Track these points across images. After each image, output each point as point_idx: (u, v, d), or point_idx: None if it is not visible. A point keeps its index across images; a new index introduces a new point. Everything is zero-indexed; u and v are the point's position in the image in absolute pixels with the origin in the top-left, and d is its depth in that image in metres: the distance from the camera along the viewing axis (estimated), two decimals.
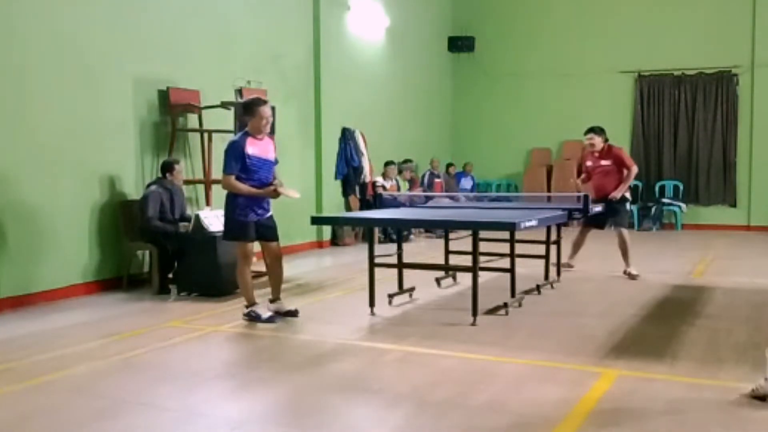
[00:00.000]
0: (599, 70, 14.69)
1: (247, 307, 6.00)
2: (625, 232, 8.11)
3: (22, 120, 6.69)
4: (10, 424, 3.72)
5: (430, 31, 15.22)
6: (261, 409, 3.96)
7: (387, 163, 12.55)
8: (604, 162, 8.10)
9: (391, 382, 4.34)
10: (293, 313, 6.09)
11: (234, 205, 5.80)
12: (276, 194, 5.80)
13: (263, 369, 4.73)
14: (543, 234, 7.37)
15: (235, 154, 5.69)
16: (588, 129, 8.24)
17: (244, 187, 5.72)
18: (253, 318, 5.93)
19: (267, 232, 5.97)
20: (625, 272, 8.04)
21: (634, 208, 13.75)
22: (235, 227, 5.83)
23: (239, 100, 8.47)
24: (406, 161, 13.40)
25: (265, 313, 5.96)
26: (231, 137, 6.01)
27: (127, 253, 7.59)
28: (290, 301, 6.79)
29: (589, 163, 8.27)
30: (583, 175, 8.44)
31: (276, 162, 6.04)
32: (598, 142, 8.12)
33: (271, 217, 6.02)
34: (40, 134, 6.84)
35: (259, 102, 5.86)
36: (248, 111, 5.82)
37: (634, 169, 8.17)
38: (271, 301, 6.14)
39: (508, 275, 6.30)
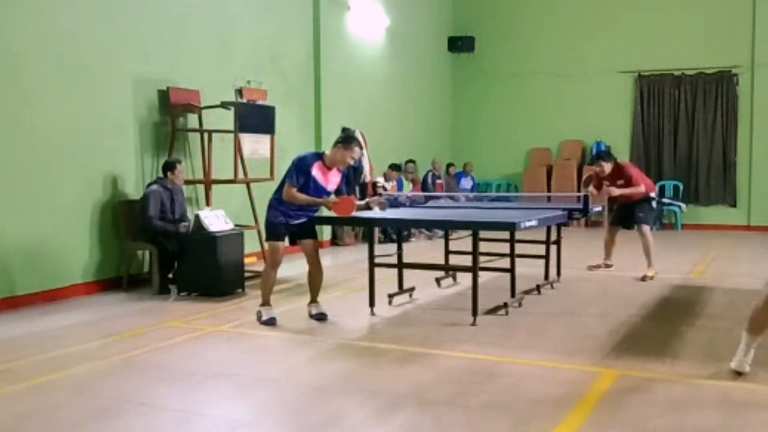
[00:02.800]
0: (599, 70, 14.68)
1: (261, 305, 6.06)
2: (646, 229, 8.09)
3: (22, 120, 6.69)
4: (11, 424, 3.72)
5: (430, 31, 15.22)
6: (261, 409, 3.96)
7: (391, 166, 12.57)
8: (619, 182, 8.17)
9: (391, 382, 4.34)
10: (322, 317, 6.05)
11: (270, 207, 5.94)
12: (331, 206, 5.94)
13: (263, 369, 4.73)
14: (543, 234, 7.37)
15: (301, 169, 5.78)
16: (596, 157, 8.37)
17: (303, 197, 5.77)
18: (258, 317, 5.98)
19: (301, 231, 5.99)
20: (643, 278, 7.86)
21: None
22: (267, 227, 5.98)
23: (239, 100, 8.47)
24: (409, 162, 13.40)
25: (266, 316, 5.96)
26: (302, 152, 6.11)
27: (127, 253, 7.59)
28: (290, 300, 6.81)
29: (605, 183, 8.34)
30: (591, 187, 8.46)
31: (338, 192, 6.05)
32: (607, 167, 8.21)
33: (309, 219, 6.03)
34: (39, 134, 6.84)
35: (357, 141, 6.01)
36: (344, 142, 5.89)
37: (642, 188, 8.16)
38: (310, 303, 6.17)
39: (508, 275, 6.30)
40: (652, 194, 8.31)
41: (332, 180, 5.95)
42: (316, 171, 5.80)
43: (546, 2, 15.24)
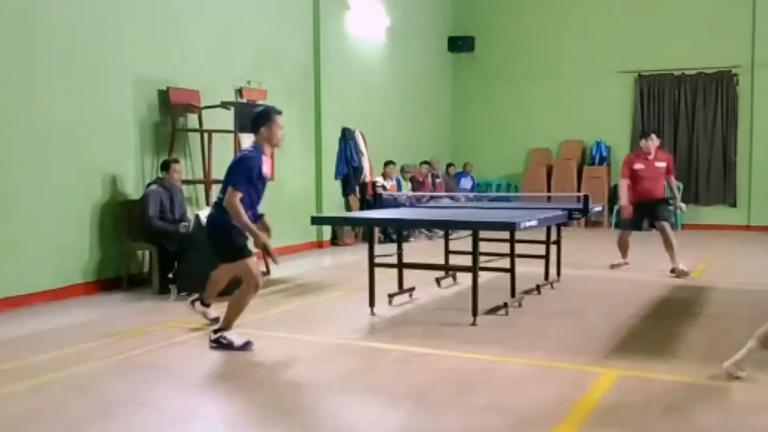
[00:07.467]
0: (599, 70, 14.67)
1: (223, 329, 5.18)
2: (668, 226, 8.14)
3: (21, 120, 6.68)
4: (10, 424, 3.72)
5: (430, 31, 15.21)
6: (260, 409, 3.96)
7: (387, 163, 12.58)
8: (658, 164, 8.07)
9: (391, 382, 4.34)
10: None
11: (227, 223, 4.99)
12: (263, 246, 5.03)
13: (263, 369, 4.73)
14: (543, 234, 7.37)
15: (251, 171, 4.95)
16: (646, 131, 8.23)
17: (245, 218, 4.89)
18: (226, 343, 5.09)
19: None
20: (673, 271, 8.01)
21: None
22: (232, 245, 5.06)
23: (239, 100, 8.48)
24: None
25: (239, 340, 5.09)
26: (245, 151, 5.26)
27: (127, 253, 7.59)
28: (290, 300, 6.80)
29: (640, 166, 8.19)
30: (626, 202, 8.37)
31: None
32: (656, 142, 8.13)
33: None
34: (39, 134, 6.83)
35: (272, 108, 5.27)
36: (264, 118, 5.12)
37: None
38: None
39: (508, 275, 6.30)
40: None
41: (268, 165, 5.24)
42: (265, 167, 5.11)
43: (546, 2, 15.23)
